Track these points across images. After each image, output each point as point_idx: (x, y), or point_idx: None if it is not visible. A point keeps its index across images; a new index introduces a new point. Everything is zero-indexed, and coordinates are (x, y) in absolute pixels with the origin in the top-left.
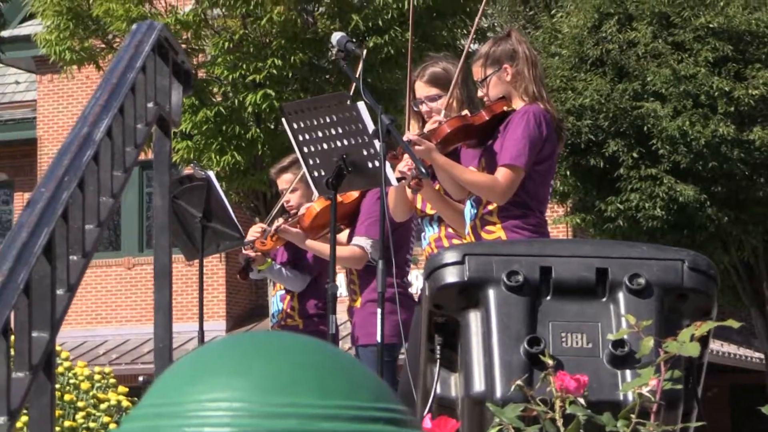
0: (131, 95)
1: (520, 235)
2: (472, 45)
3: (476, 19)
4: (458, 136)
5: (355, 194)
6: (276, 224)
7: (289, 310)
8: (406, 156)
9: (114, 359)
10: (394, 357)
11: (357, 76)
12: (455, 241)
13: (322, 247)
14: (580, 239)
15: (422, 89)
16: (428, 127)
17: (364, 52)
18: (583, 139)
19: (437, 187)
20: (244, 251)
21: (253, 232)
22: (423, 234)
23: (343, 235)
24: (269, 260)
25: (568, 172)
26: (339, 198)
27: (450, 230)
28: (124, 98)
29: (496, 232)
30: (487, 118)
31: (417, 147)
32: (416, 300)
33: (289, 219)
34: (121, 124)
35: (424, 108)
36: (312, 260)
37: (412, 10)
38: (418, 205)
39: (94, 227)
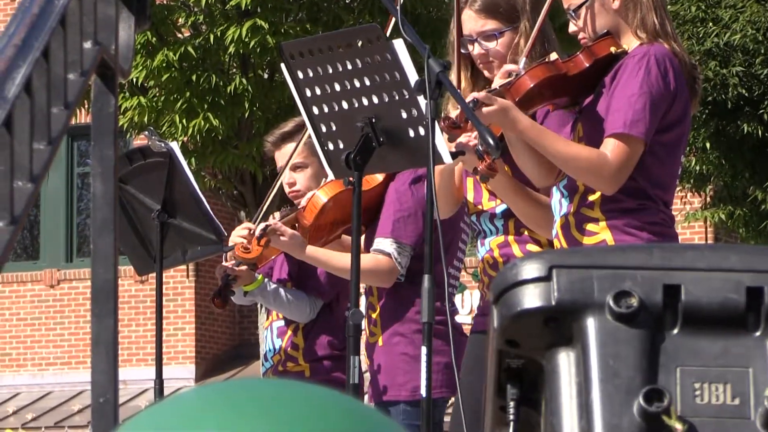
0: (60, 31)
1: (634, 237)
2: None
3: None
4: (545, 92)
5: (379, 177)
6: (267, 221)
7: (289, 350)
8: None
9: (30, 420)
10: (439, 418)
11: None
12: (532, 248)
13: (327, 258)
14: (724, 245)
15: (473, 22)
16: (498, 81)
17: None
18: (730, 95)
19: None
20: (223, 264)
21: (238, 234)
22: (480, 238)
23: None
24: (260, 277)
25: (707, 144)
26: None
27: (524, 232)
28: (50, 36)
29: (600, 233)
30: (587, 65)
31: (487, 107)
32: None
33: (285, 213)
34: (46, 73)
35: (476, 50)
36: (325, 277)
37: None
38: (469, 196)
39: (4, 226)
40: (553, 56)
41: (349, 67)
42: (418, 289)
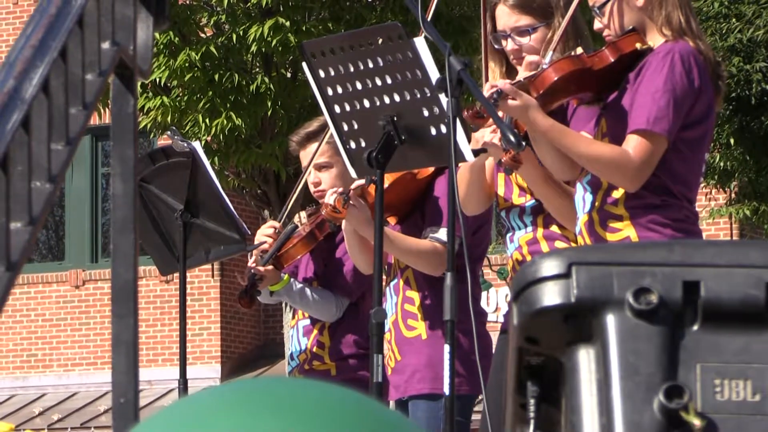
0: (78, 31)
1: (658, 234)
2: None
3: None
4: (569, 87)
5: (430, 168)
6: (356, 184)
7: (315, 349)
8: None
9: (56, 421)
10: (467, 415)
11: None
12: (560, 244)
13: (394, 238)
14: (746, 241)
15: (507, 17)
16: (523, 73)
17: None
18: (754, 91)
19: None
20: (250, 264)
21: (263, 234)
22: (509, 234)
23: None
24: (286, 277)
25: (731, 141)
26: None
27: (553, 228)
28: (68, 36)
29: (624, 230)
30: (611, 60)
31: (510, 102)
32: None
33: (312, 210)
34: (64, 73)
35: (509, 45)
36: (351, 276)
37: None
38: (500, 191)
39: (23, 226)
40: (579, 51)
41: (371, 65)
42: (462, 285)
